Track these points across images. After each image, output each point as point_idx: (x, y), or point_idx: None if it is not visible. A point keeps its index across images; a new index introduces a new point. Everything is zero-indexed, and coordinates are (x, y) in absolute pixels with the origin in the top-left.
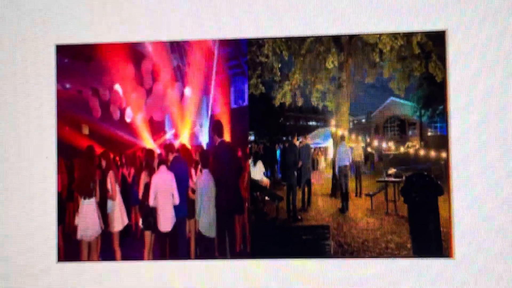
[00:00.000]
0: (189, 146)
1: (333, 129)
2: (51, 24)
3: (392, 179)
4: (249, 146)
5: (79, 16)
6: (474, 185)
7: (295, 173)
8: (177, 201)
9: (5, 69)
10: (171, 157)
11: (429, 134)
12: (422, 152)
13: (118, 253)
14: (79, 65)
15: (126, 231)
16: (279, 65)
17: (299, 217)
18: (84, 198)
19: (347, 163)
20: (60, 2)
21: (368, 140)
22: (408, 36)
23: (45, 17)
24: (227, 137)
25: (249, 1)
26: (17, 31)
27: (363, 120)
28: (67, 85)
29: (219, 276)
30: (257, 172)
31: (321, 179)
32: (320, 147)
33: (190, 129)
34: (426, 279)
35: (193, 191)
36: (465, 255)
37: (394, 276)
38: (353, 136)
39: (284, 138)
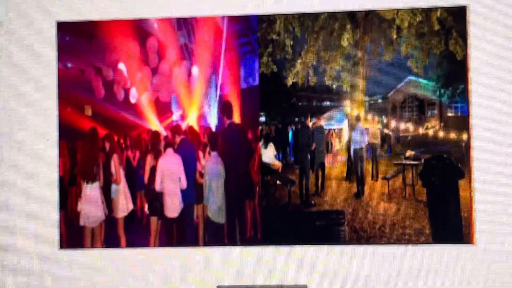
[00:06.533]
0: (196, 128)
1: (348, 109)
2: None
3: (410, 162)
4: (260, 127)
5: None
6: (496, 168)
7: (308, 156)
8: (184, 185)
9: (3, 47)
10: (178, 139)
11: (449, 114)
12: (441, 134)
13: (123, 240)
14: (81, 43)
15: (131, 217)
16: (291, 43)
17: (312, 202)
18: (87, 183)
19: (363, 145)
20: None
21: (384, 121)
22: (427, 11)
23: None
24: (236, 118)
25: None
26: (15, 7)
27: (380, 100)
28: (69, 64)
29: (229, 264)
30: (268, 155)
31: (336, 162)
32: (334, 129)
33: (197, 110)
34: (446, 266)
35: (201, 175)
36: (486, 241)
37: (412, 263)
38: (369, 117)
39: (297, 119)
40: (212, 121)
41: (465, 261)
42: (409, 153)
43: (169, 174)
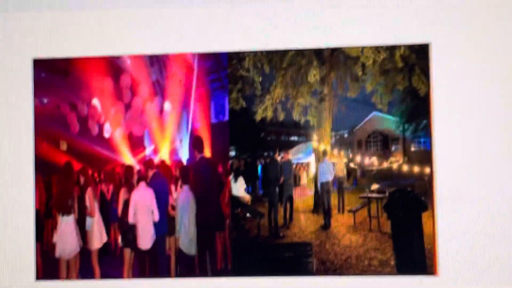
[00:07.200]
0: (168, 162)
1: (315, 144)
2: (28, 38)
3: (375, 195)
4: (230, 161)
5: (56, 30)
6: (458, 201)
7: (277, 189)
8: (156, 218)
9: None
10: (150, 173)
11: (412, 149)
12: (405, 168)
13: (97, 271)
14: (57, 80)
15: (105, 249)
16: (260, 79)
17: (281, 234)
18: (63, 215)
19: (330, 179)
20: (37, 16)
21: (350, 155)
22: (391, 49)
23: (21, 31)
24: (207, 152)
25: (229, 14)
26: None
27: (346, 135)
28: (45, 100)
29: None
30: (238, 188)
31: (303, 195)
32: (302, 163)
33: (170, 145)
34: None
35: (173, 208)
36: (450, 272)
37: None
38: (336, 151)
39: (266, 154)
40: (184, 155)
41: None
42: (374, 186)
43: (142, 207)
